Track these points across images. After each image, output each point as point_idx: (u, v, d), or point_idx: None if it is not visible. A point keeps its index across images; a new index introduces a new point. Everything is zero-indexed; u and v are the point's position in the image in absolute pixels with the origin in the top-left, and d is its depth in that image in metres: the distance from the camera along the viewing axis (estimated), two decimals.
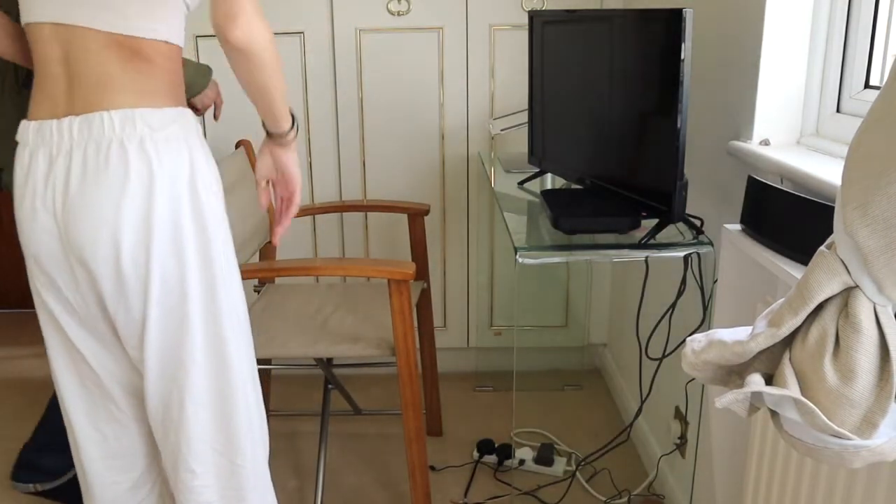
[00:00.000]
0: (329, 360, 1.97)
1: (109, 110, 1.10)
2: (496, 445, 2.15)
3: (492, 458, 2.14)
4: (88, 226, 1.12)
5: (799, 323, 0.65)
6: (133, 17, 1.13)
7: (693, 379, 1.27)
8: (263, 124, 1.26)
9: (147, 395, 1.23)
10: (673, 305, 1.62)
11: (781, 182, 1.23)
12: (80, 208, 1.12)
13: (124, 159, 1.10)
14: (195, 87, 1.79)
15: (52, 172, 1.12)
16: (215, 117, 1.90)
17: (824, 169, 1.14)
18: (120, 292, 1.15)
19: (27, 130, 1.15)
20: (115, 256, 1.12)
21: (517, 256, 1.40)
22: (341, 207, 2.30)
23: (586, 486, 2.01)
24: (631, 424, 1.99)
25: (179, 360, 1.19)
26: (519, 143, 2.32)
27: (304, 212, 2.19)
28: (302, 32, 2.27)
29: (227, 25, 1.04)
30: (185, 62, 1.70)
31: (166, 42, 1.16)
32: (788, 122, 1.37)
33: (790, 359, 0.66)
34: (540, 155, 1.84)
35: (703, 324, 1.53)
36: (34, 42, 1.18)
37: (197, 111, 1.85)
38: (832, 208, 0.63)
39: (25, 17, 1.18)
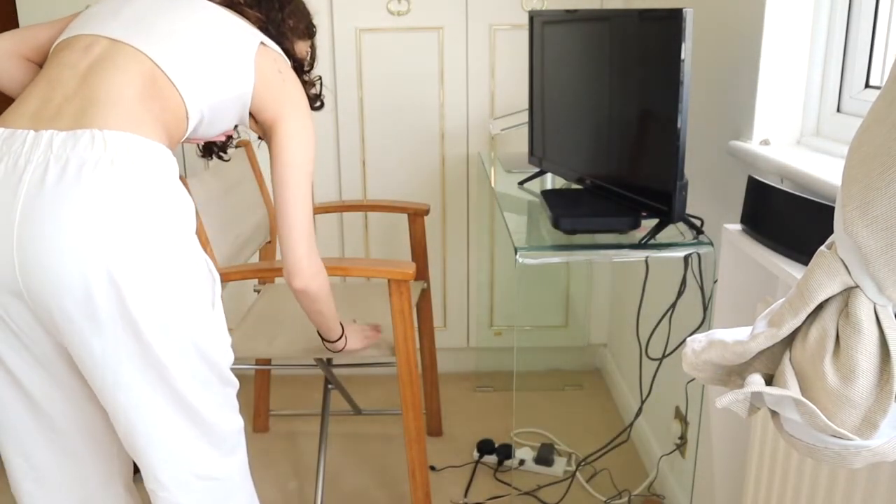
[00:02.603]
0: (329, 360, 1.97)
1: (102, 129, 1.07)
2: (496, 445, 2.15)
3: (492, 458, 2.14)
4: (52, 243, 1.04)
5: (799, 323, 0.65)
6: (183, 69, 1.17)
7: (693, 379, 1.28)
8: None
9: (119, 428, 1.18)
10: (673, 305, 1.62)
11: (781, 182, 1.23)
12: (44, 223, 1.03)
13: (110, 179, 1.05)
14: None
15: (19, 183, 1.04)
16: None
17: (824, 169, 1.14)
18: (83, 318, 1.07)
19: None
20: (82, 278, 1.04)
21: (517, 256, 1.40)
22: (341, 207, 2.30)
23: (586, 486, 2.01)
24: (631, 424, 1.99)
25: (157, 393, 1.14)
26: (519, 143, 2.32)
27: None
28: None
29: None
30: None
31: (186, 112, 1.19)
32: (788, 122, 1.36)
33: (790, 359, 0.66)
34: (540, 155, 1.84)
35: (703, 324, 1.53)
36: (59, 51, 1.19)
37: None
38: (832, 208, 0.63)
39: (75, 31, 1.20)
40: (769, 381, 0.68)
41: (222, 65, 1.23)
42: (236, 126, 1.38)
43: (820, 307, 0.64)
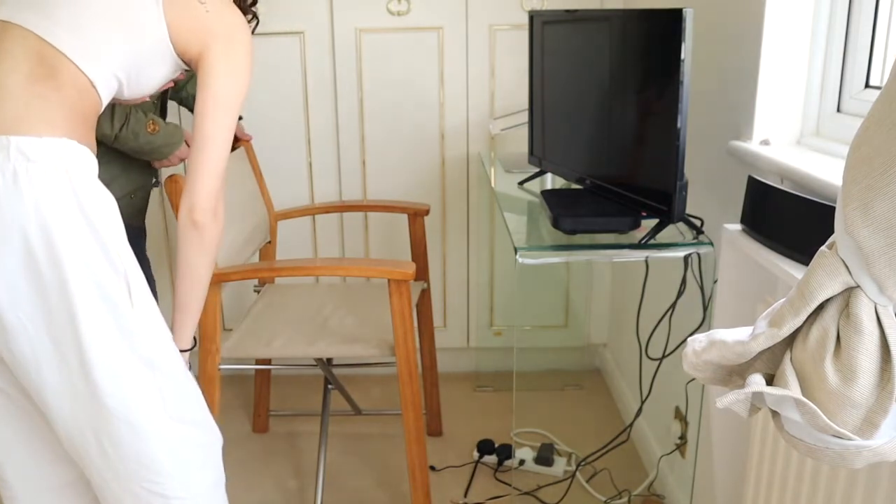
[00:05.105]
0: (329, 360, 1.97)
1: None
2: (496, 445, 2.15)
3: (492, 458, 2.14)
4: None
5: (800, 323, 0.65)
6: (74, 38, 1.10)
7: (693, 379, 1.27)
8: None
9: (58, 436, 1.15)
10: (673, 305, 1.62)
11: (781, 182, 1.23)
12: None
13: None
14: (166, 150, 1.72)
15: None
16: None
17: (824, 169, 1.14)
18: (0, 331, 1.07)
19: None
20: None
21: (517, 256, 1.40)
22: (341, 207, 2.30)
23: (586, 486, 2.01)
24: (631, 424, 1.99)
25: (86, 400, 1.11)
26: (519, 143, 2.31)
27: (304, 212, 2.19)
28: (302, 32, 2.27)
29: (192, 209, 1.21)
30: (158, 128, 1.70)
31: (90, 81, 1.12)
32: (788, 122, 1.36)
33: (791, 359, 0.66)
34: (540, 155, 1.84)
35: (703, 324, 1.53)
36: None
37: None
38: (832, 208, 0.63)
39: None
40: (770, 381, 0.68)
41: (121, 18, 1.14)
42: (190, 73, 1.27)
43: (821, 307, 0.64)
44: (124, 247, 1.13)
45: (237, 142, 2.02)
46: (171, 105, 2.05)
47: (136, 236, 1.86)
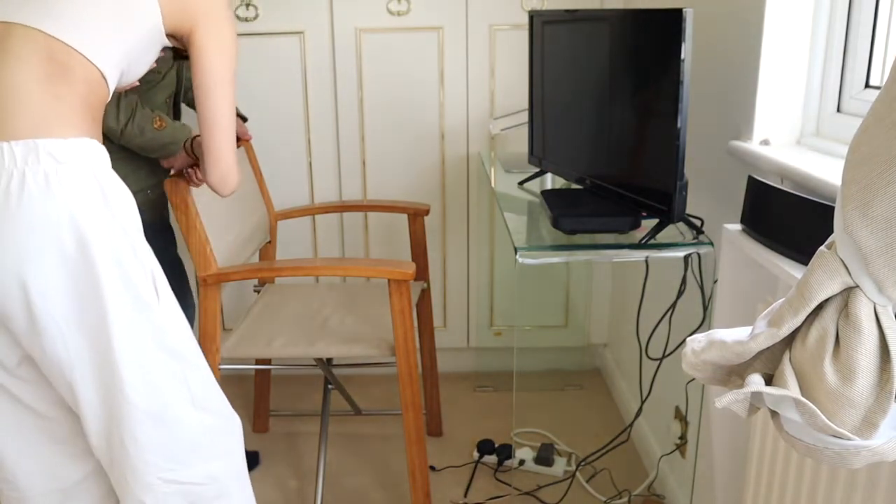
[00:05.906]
0: (329, 360, 1.97)
1: (10, 141, 1.03)
2: (496, 445, 2.15)
3: (492, 458, 2.14)
4: None
5: (799, 323, 0.65)
6: (80, 31, 1.10)
7: (693, 379, 1.27)
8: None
9: (87, 433, 1.17)
10: (673, 305, 1.62)
11: (781, 182, 1.23)
12: None
13: (28, 196, 1.03)
14: (173, 147, 1.70)
15: None
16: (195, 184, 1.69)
17: (824, 169, 1.14)
18: (34, 333, 1.09)
19: None
20: (24, 298, 1.06)
21: (517, 256, 1.40)
22: (341, 207, 2.30)
23: (586, 486, 2.01)
24: (631, 424, 1.99)
25: (112, 394, 1.13)
26: (519, 143, 2.31)
27: (304, 212, 2.19)
28: (302, 32, 2.27)
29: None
30: (165, 124, 1.69)
31: (100, 73, 1.13)
32: (788, 122, 1.36)
33: (790, 359, 0.66)
34: (540, 155, 1.84)
35: (703, 324, 1.53)
36: None
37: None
38: (832, 208, 0.63)
39: None
40: (769, 380, 0.68)
41: (120, 10, 1.16)
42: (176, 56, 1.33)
43: (820, 307, 0.64)
44: (145, 243, 1.16)
45: (238, 141, 2.01)
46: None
47: (157, 231, 1.85)
